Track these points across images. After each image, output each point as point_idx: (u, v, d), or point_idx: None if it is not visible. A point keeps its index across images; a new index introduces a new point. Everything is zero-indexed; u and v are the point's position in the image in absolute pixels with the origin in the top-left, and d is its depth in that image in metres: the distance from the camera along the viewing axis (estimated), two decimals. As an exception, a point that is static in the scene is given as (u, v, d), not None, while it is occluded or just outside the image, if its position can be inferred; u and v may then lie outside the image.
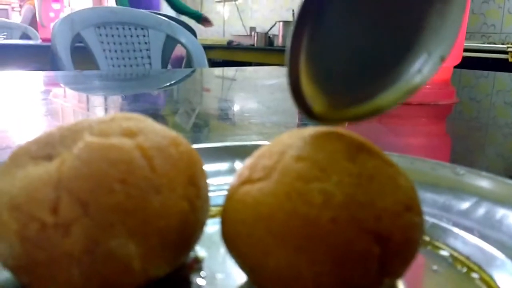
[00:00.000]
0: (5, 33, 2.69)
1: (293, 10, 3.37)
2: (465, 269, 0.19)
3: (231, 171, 0.27)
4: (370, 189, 0.15)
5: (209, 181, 0.18)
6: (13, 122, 0.51)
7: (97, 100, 0.74)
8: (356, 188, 0.14)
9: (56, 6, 2.31)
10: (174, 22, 1.38)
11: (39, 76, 1.05)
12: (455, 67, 0.65)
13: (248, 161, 0.17)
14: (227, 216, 0.16)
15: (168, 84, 0.98)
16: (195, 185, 0.16)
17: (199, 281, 0.17)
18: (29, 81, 0.94)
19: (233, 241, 0.16)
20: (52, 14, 2.28)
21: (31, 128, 0.49)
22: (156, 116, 0.60)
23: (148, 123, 0.17)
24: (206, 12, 3.09)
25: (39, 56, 2.03)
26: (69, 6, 5.63)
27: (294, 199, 0.14)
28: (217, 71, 1.34)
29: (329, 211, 0.14)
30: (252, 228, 0.15)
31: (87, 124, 0.16)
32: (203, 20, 2.85)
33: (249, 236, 0.15)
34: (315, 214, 0.14)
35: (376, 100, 0.16)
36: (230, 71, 1.35)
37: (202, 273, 0.18)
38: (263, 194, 0.15)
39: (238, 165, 0.27)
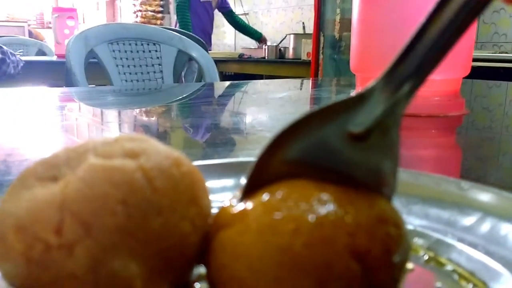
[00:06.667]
0: (22, 50, 2.75)
1: (303, 23, 3.39)
2: (470, 286, 0.19)
3: (236, 186, 0.27)
4: (340, 209, 0.15)
5: (214, 196, 0.18)
6: (29, 138, 0.52)
7: (111, 114, 0.75)
8: (325, 210, 0.15)
9: (70, 23, 2.36)
10: (185, 37, 1.40)
11: (54, 92, 1.07)
12: (467, 77, 0.65)
13: (222, 208, 0.17)
14: (209, 263, 0.16)
15: (180, 98, 0.99)
16: (197, 204, 0.17)
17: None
18: (44, 97, 0.96)
19: (218, 287, 0.16)
20: (67, 31, 2.33)
21: (47, 143, 0.50)
22: (166, 130, 0.61)
23: (151, 143, 0.17)
24: (217, 25, 3.16)
25: (54, 72, 2.07)
26: (83, 23, 5.74)
27: (265, 232, 0.15)
28: (228, 84, 1.35)
29: (301, 236, 0.14)
30: (232, 270, 0.15)
31: (92, 145, 0.16)
32: (262, 40, 3.19)
33: (232, 278, 0.15)
34: (287, 242, 0.14)
35: None
36: (241, 84, 1.36)
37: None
38: (237, 236, 0.15)
39: (244, 181, 0.27)
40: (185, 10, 2.64)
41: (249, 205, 0.16)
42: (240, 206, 0.16)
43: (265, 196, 0.16)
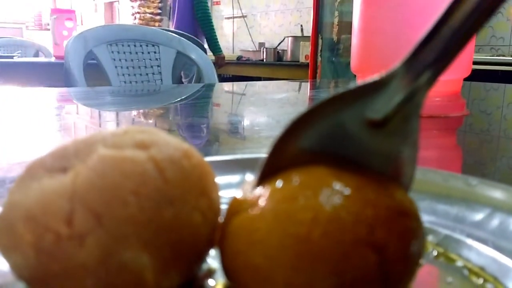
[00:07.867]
0: (20, 51, 2.74)
1: (301, 26, 3.40)
2: (480, 281, 0.18)
3: (242, 183, 0.27)
4: (359, 199, 0.15)
5: (220, 193, 0.18)
6: (27, 138, 0.52)
7: (109, 115, 0.75)
8: (344, 200, 0.14)
9: (69, 24, 2.36)
10: (184, 39, 1.40)
11: (52, 93, 1.07)
12: (465, 79, 0.65)
13: (236, 197, 0.17)
14: (224, 249, 0.16)
15: (178, 99, 0.99)
16: (207, 197, 0.16)
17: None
18: (43, 97, 0.96)
19: (232, 273, 0.16)
20: (65, 33, 2.33)
21: (45, 143, 0.50)
22: (166, 131, 0.61)
23: (161, 135, 0.17)
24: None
25: (53, 73, 2.07)
26: (81, 24, 5.74)
27: (283, 220, 0.14)
28: (227, 86, 1.35)
29: (319, 226, 0.14)
30: (247, 256, 0.15)
31: (101, 137, 0.16)
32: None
33: (247, 265, 0.15)
34: (306, 231, 0.14)
35: None
36: (239, 85, 1.36)
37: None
38: (253, 222, 0.15)
39: (249, 177, 0.27)
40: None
41: (265, 191, 0.16)
42: (256, 192, 0.16)
43: (282, 183, 0.16)
